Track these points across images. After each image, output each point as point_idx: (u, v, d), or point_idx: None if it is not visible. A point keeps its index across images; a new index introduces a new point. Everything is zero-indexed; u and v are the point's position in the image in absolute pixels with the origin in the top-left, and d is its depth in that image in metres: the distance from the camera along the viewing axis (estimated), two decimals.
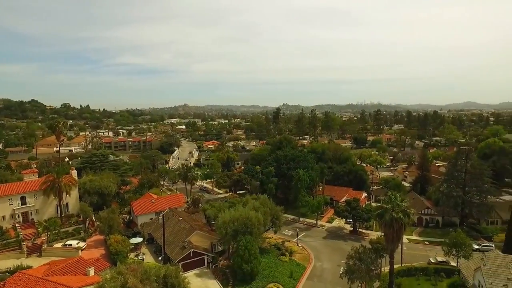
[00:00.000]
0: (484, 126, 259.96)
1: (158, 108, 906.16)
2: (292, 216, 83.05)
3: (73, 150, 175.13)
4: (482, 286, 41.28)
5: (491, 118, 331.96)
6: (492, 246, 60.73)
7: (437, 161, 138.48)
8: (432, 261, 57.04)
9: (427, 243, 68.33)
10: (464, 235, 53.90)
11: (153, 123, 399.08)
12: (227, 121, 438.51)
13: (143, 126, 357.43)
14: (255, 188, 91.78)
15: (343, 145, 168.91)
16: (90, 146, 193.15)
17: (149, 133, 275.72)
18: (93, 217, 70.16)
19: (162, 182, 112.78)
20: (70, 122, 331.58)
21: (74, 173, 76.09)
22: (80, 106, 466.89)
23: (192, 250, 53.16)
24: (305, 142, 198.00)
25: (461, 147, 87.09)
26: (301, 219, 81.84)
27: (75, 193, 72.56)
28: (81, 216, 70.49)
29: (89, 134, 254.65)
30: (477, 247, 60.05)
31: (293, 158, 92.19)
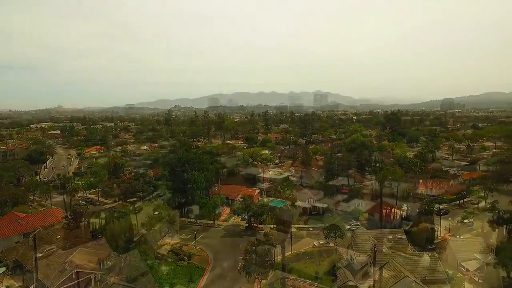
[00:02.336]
0: (350, 124, 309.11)
1: (23, 110, 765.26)
2: (189, 219, 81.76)
3: None
4: (353, 259, 49.19)
5: (354, 118, 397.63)
6: (359, 225, 72.86)
7: (317, 156, 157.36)
8: (316, 244, 64.85)
9: (311, 229, 76.84)
10: (339, 219, 63.04)
11: (15, 129, 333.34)
12: (112, 124, 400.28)
13: (1, 132, 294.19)
14: (148, 194, 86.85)
15: (236, 145, 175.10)
16: None
17: (11, 141, 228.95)
18: None
19: (31, 198, 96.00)
20: None
21: None
22: None
23: (76, 270, 46.81)
24: (199, 143, 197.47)
25: (334, 143, 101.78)
26: (198, 221, 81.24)
27: None
28: None
29: None
30: (348, 227, 70.94)
31: (187, 160, 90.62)
